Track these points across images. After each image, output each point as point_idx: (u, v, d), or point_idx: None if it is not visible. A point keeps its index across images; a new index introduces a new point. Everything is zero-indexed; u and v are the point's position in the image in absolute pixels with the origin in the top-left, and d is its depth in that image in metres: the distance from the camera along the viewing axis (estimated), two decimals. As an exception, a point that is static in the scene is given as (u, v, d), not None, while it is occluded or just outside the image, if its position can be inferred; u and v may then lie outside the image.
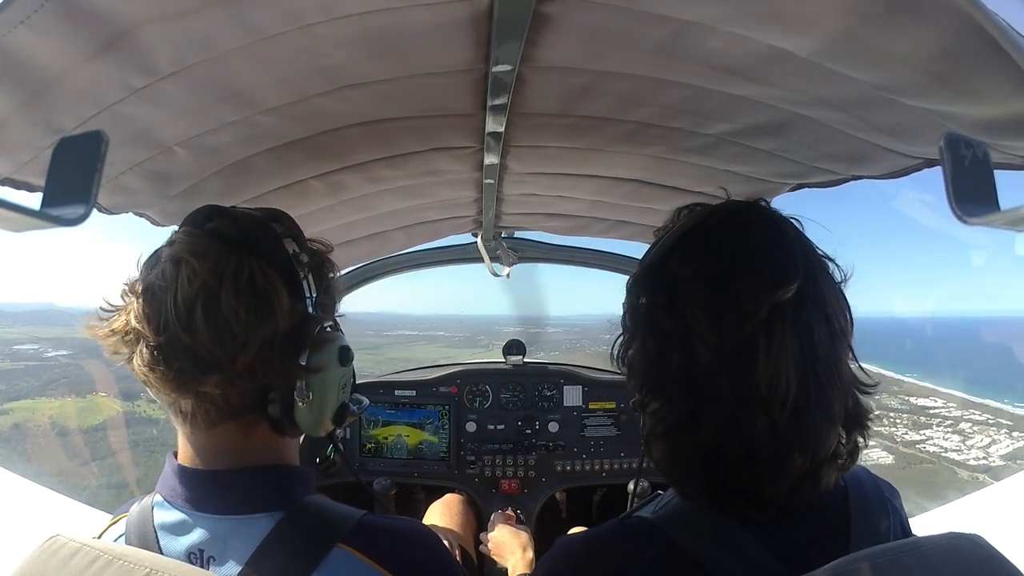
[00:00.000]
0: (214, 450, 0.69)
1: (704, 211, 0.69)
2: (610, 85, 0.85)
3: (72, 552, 0.62)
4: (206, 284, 0.63)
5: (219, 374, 0.63)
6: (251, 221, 0.71)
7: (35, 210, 0.37)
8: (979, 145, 0.39)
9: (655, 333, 0.65)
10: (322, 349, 0.72)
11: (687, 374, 0.62)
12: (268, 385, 0.68)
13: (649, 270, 0.68)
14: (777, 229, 0.66)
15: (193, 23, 0.59)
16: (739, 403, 0.59)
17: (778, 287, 0.58)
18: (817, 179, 1.10)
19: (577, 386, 2.09)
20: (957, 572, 0.55)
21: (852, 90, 0.72)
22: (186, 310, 0.63)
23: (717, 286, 0.61)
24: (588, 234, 1.81)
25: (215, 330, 0.63)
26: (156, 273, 0.65)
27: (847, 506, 0.65)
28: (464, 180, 1.31)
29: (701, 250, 0.65)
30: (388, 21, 0.65)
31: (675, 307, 0.63)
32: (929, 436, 32.51)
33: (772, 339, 0.58)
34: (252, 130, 0.89)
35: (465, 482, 2.02)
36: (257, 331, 0.64)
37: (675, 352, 0.62)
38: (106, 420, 23.48)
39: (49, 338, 36.07)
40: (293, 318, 0.68)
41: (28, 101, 0.60)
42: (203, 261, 0.64)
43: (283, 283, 0.68)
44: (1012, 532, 1.92)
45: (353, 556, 0.65)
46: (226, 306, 0.63)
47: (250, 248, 0.67)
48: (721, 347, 0.59)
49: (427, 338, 61.73)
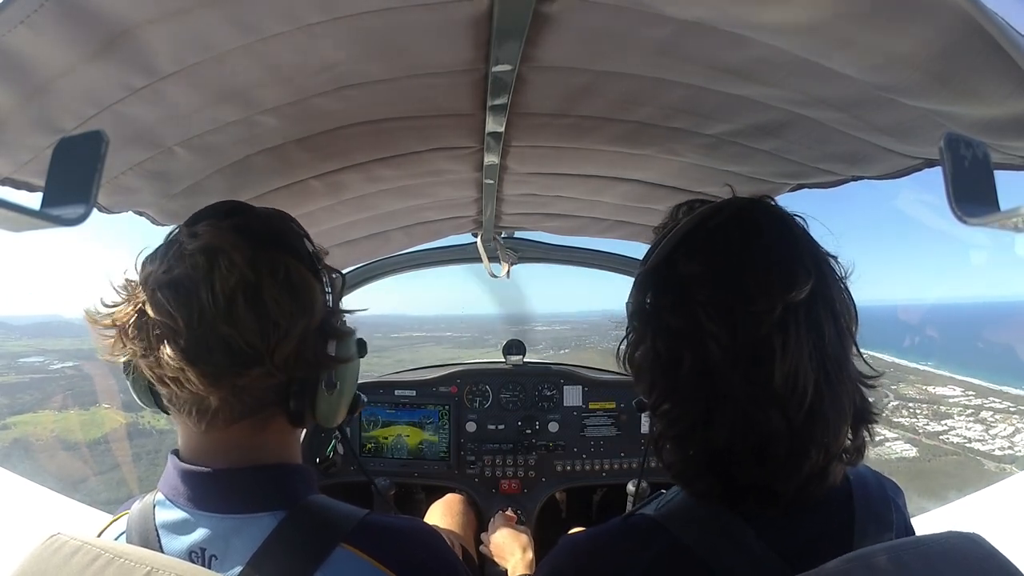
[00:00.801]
0: (223, 448, 0.69)
1: (708, 208, 0.68)
2: (610, 85, 0.85)
3: (73, 551, 0.62)
4: (245, 275, 0.63)
5: (259, 367, 0.64)
6: (275, 218, 0.74)
7: (35, 210, 0.37)
8: (979, 145, 0.39)
9: (664, 333, 0.65)
10: (347, 340, 0.75)
11: (699, 373, 0.61)
12: (292, 378, 0.69)
13: (655, 270, 0.67)
14: (784, 227, 0.66)
15: (193, 23, 0.59)
16: (753, 401, 0.59)
17: (791, 287, 0.59)
18: (817, 179, 1.10)
19: (577, 386, 2.09)
20: (957, 571, 0.55)
21: (852, 90, 0.72)
22: (226, 301, 0.62)
23: (728, 285, 0.61)
24: (588, 234, 1.81)
25: (258, 320, 0.63)
26: (185, 264, 0.63)
27: (851, 504, 0.65)
28: (464, 180, 1.31)
29: (708, 247, 0.65)
30: (388, 21, 0.65)
31: (685, 306, 0.62)
32: (951, 426, 31.35)
33: (788, 338, 0.58)
34: (252, 130, 0.89)
35: (465, 482, 2.02)
36: (297, 321, 0.66)
37: (686, 352, 0.62)
38: (108, 432, 23.28)
39: (55, 350, 35.80)
40: (324, 311, 0.71)
41: (28, 101, 0.60)
42: (238, 253, 0.64)
43: (313, 277, 0.70)
44: (1012, 532, 1.92)
45: (356, 556, 0.65)
46: (268, 297, 0.64)
47: (278, 243, 0.69)
48: (734, 346, 0.59)
49: (435, 339, 61.72)
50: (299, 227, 0.76)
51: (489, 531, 1.64)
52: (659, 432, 0.67)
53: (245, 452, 0.69)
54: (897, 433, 29.88)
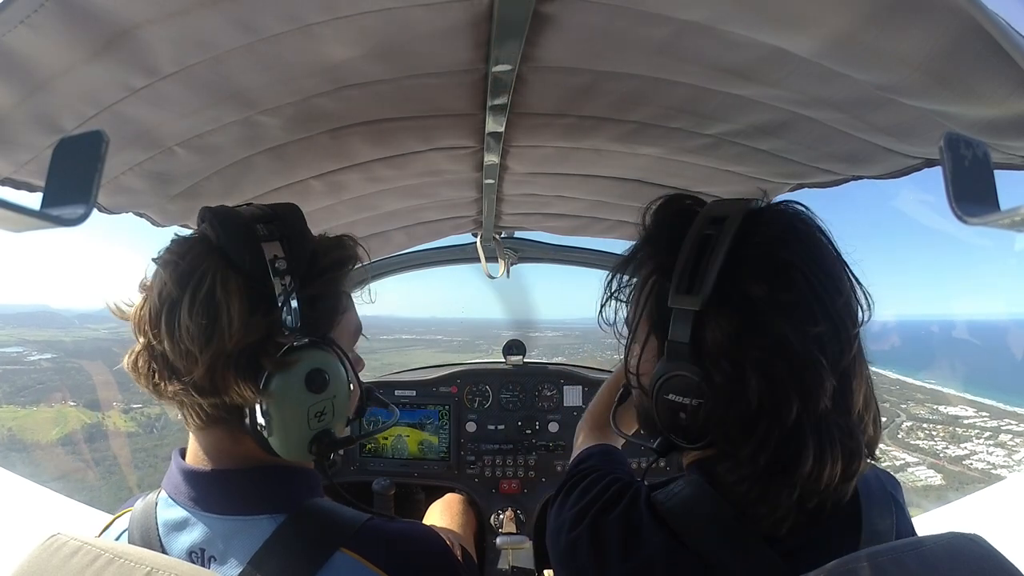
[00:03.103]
0: (221, 448, 0.69)
1: (743, 210, 0.63)
2: (610, 85, 0.85)
3: (73, 551, 0.62)
4: (171, 294, 0.64)
5: (178, 383, 0.64)
6: (233, 223, 0.68)
7: (35, 210, 0.37)
8: (979, 145, 0.39)
9: (761, 379, 0.57)
10: (285, 372, 0.65)
11: (801, 419, 0.56)
12: (239, 399, 0.65)
13: (725, 298, 0.59)
14: (828, 241, 0.63)
15: (193, 23, 0.59)
16: (847, 435, 0.57)
17: (859, 312, 0.60)
18: (817, 179, 1.10)
19: (577, 386, 2.09)
20: (957, 571, 0.55)
21: (852, 90, 0.72)
22: (155, 316, 0.64)
23: (816, 313, 0.57)
24: (588, 234, 1.81)
25: (173, 341, 0.63)
26: (151, 273, 0.68)
27: (857, 503, 0.65)
28: (464, 180, 1.31)
29: (775, 264, 0.59)
30: (388, 21, 0.65)
31: (780, 345, 0.56)
32: (972, 450, 29.20)
33: (860, 364, 0.60)
34: (252, 130, 0.89)
35: (465, 482, 2.02)
36: (206, 347, 0.62)
37: (792, 397, 0.56)
38: (68, 433, 22.33)
39: (36, 341, 35.31)
40: (249, 336, 0.63)
41: (28, 101, 0.60)
42: (173, 269, 0.65)
43: (244, 296, 0.64)
44: (1012, 532, 1.92)
45: (356, 561, 0.64)
46: (182, 319, 0.63)
47: (224, 254, 0.66)
48: (831, 382, 0.56)
49: (425, 342, 60.95)
50: (276, 228, 0.69)
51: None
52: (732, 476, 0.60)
53: (244, 453, 0.69)
54: (918, 457, 28.43)
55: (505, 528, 1.88)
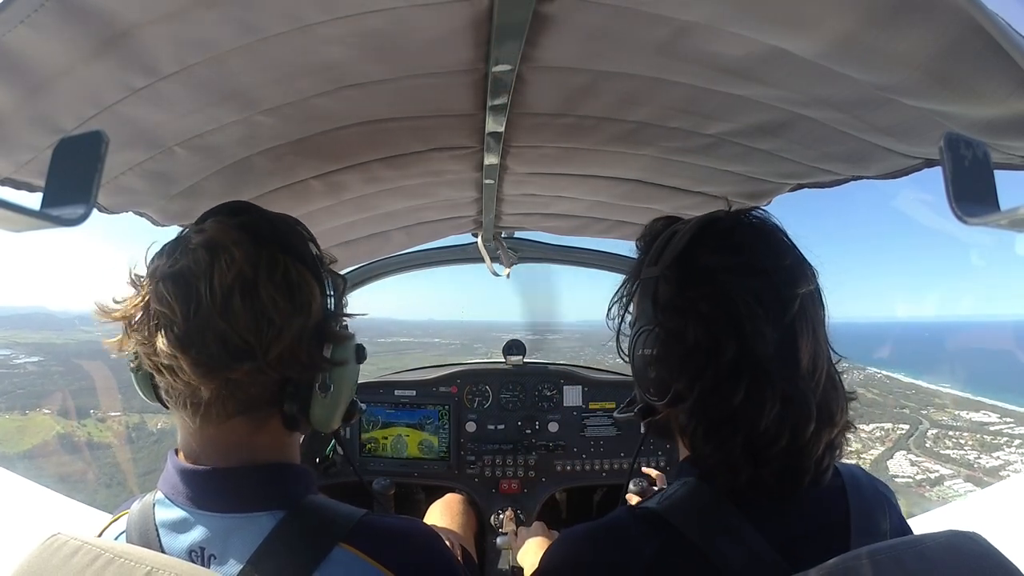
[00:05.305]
0: (220, 446, 0.69)
1: (710, 214, 0.74)
2: (610, 85, 0.85)
3: (73, 551, 0.62)
4: (243, 272, 0.64)
5: (251, 362, 0.64)
6: (281, 220, 0.75)
7: (35, 210, 0.37)
8: (979, 145, 0.39)
9: (701, 322, 0.66)
10: (344, 344, 0.75)
11: (741, 358, 0.63)
12: (288, 378, 0.70)
13: (679, 264, 0.70)
14: (781, 232, 0.73)
15: (193, 23, 0.59)
16: (790, 382, 0.63)
17: (803, 280, 0.67)
18: (817, 179, 1.10)
19: (577, 386, 2.09)
20: (957, 570, 0.55)
21: (852, 90, 0.72)
22: (223, 295, 0.63)
23: (755, 275, 0.66)
24: (588, 234, 1.81)
25: (253, 316, 0.64)
26: (188, 258, 0.65)
27: (845, 499, 0.66)
28: (464, 180, 1.31)
29: (727, 244, 0.69)
30: (388, 21, 0.65)
31: (722, 296, 0.65)
32: (1006, 460, 27.64)
33: (805, 324, 0.65)
34: (252, 130, 0.89)
35: (465, 482, 2.02)
36: (292, 320, 0.67)
37: (728, 339, 0.64)
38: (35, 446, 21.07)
39: (26, 343, 34.64)
40: (321, 313, 0.71)
41: (28, 101, 0.60)
42: (239, 250, 0.65)
43: (313, 279, 0.71)
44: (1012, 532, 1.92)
45: (355, 556, 0.65)
46: (264, 294, 0.65)
47: (280, 244, 0.70)
48: (770, 331, 0.64)
49: (422, 345, 60.52)
50: (305, 231, 0.77)
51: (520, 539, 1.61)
52: (690, 425, 0.67)
53: (243, 451, 0.69)
54: (951, 469, 26.81)
55: (505, 528, 1.88)
